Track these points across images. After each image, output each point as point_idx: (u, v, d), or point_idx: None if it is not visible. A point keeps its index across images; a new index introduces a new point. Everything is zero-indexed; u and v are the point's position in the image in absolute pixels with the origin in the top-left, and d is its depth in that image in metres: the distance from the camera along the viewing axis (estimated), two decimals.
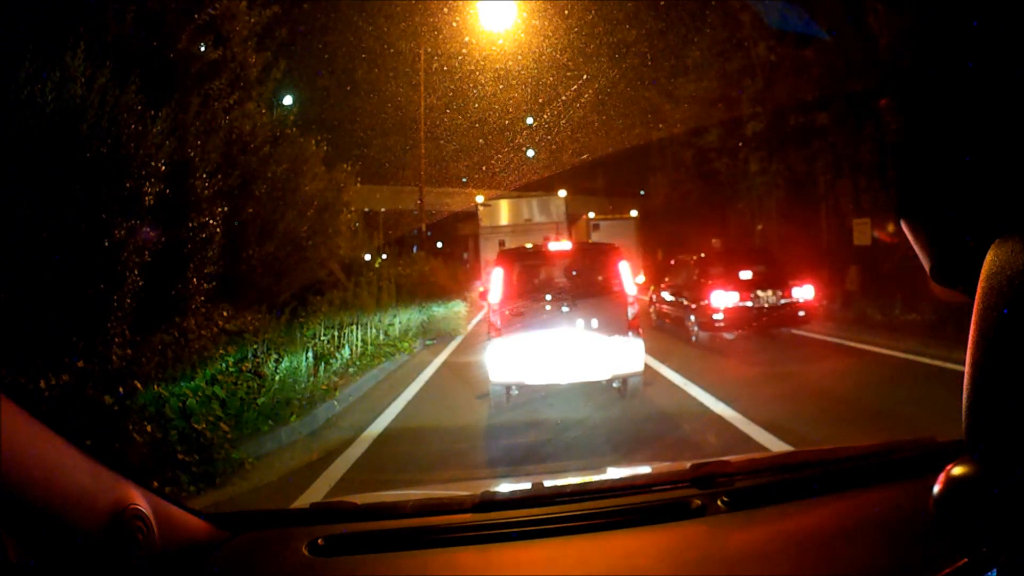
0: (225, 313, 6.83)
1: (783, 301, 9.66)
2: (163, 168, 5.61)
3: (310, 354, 6.30)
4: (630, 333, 6.15)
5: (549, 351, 6.00)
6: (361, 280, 10.58)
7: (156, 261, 5.68)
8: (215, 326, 6.31)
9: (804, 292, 9.85)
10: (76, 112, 5.18)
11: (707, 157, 22.10)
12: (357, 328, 8.67)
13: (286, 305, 7.84)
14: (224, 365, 5.68)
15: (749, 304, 9.54)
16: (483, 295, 7.46)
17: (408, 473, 4.44)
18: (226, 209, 6.68)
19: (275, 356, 5.84)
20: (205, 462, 4.38)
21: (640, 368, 6.15)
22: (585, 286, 6.57)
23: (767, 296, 9.64)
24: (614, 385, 6.39)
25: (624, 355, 6.05)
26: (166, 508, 1.17)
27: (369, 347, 8.76)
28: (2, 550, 0.85)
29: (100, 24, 6.35)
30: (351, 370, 7.64)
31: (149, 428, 4.27)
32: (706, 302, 9.67)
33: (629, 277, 6.52)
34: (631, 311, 6.27)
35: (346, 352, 7.52)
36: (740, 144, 19.16)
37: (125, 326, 5.35)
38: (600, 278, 6.65)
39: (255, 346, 6.21)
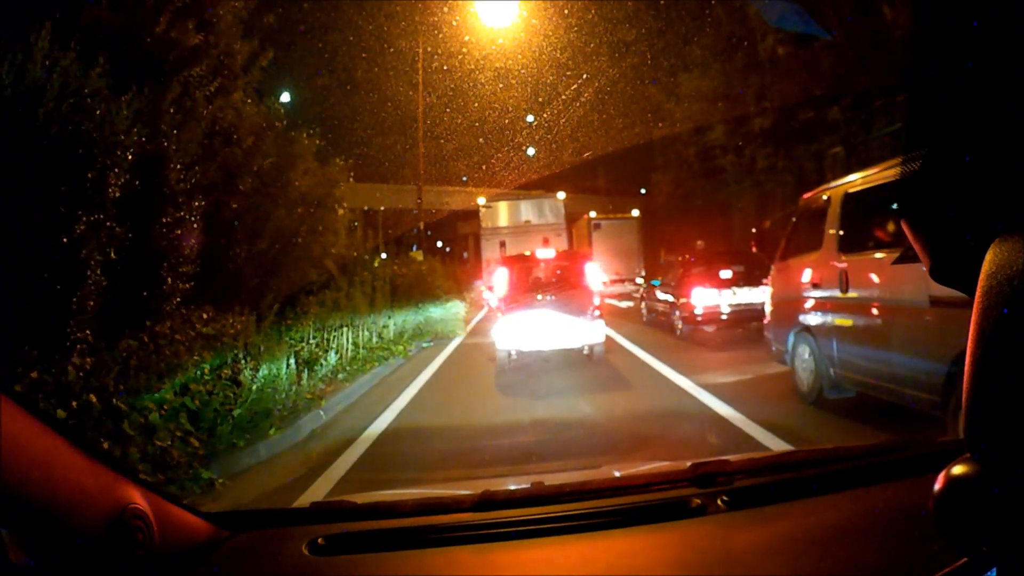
0: (205, 316, 6.34)
1: (758, 299, 10.23)
2: (130, 158, 5.13)
3: (292, 360, 5.83)
4: (595, 314, 8.39)
5: (538, 327, 8.19)
6: (355, 280, 10.10)
7: (124, 259, 5.21)
8: (192, 330, 5.83)
9: None
10: (34, 96, 4.72)
11: (711, 154, 21.64)
12: (348, 331, 8.19)
13: (273, 305, 7.35)
14: (199, 372, 5.22)
15: (726, 301, 10.51)
16: (490, 288, 10.14)
17: (408, 472, 4.44)
18: (204, 204, 6.19)
19: (254, 362, 5.37)
20: (169, 483, 3.92)
21: (602, 339, 8.50)
22: (563, 282, 8.94)
23: (743, 293, 10.51)
24: (584, 352, 8.59)
25: (590, 330, 8.31)
26: (166, 507, 1.16)
27: (361, 351, 8.30)
28: (2, 550, 0.85)
29: (72, 5, 5.91)
30: (340, 376, 7.17)
31: (106, 446, 3.81)
32: (688, 299, 10.66)
33: (595, 275, 9.18)
34: (596, 300, 8.59)
35: (332, 358, 7.04)
36: (746, 140, 18.66)
37: (88, 331, 4.87)
38: (573, 276, 9.00)
39: (236, 351, 5.75)
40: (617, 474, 1.87)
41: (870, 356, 4.80)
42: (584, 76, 23.02)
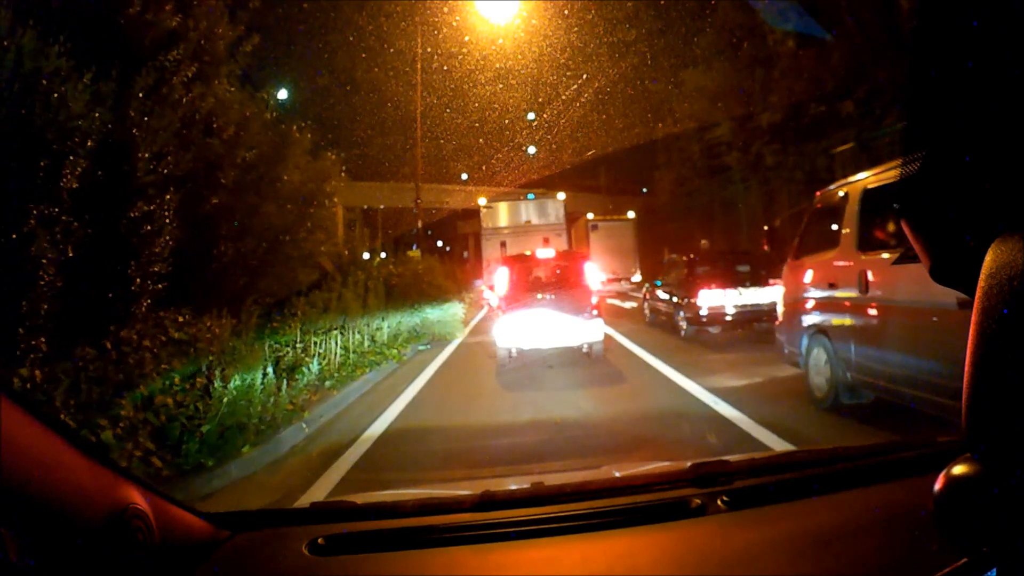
0: (180, 319, 5.84)
1: (765, 299, 10.02)
2: (91, 145, 4.65)
3: (270, 368, 5.33)
4: (593, 313, 8.37)
5: (538, 325, 8.20)
6: (348, 280, 9.60)
7: (85, 257, 4.72)
8: (163, 335, 5.33)
9: None
10: None
11: (716, 152, 21.13)
12: (338, 334, 7.70)
13: (255, 308, 6.84)
14: (168, 383, 4.73)
15: (733, 302, 10.17)
16: (491, 288, 10.35)
17: (409, 473, 4.35)
18: (179, 197, 5.69)
19: (228, 371, 4.88)
20: None
21: (600, 337, 8.41)
22: (562, 281, 9.03)
23: (749, 294, 10.21)
24: (583, 350, 8.54)
25: (589, 329, 8.28)
26: (166, 507, 1.16)
27: (351, 355, 7.79)
28: (2, 550, 0.84)
29: None
30: (328, 383, 6.66)
31: None
32: (693, 300, 10.33)
33: (593, 275, 9.23)
34: (594, 299, 8.59)
35: (315, 366, 6.53)
36: (753, 137, 18.09)
37: (43, 338, 4.39)
38: (572, 276, 9.09)
39: (211, 358, 5.25)
40: (617, 474, 1.85)
41: (891, 360, 4.59)
42: (584, 76, 22.70)
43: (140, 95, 5.45)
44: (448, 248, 42.56)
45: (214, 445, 4.34)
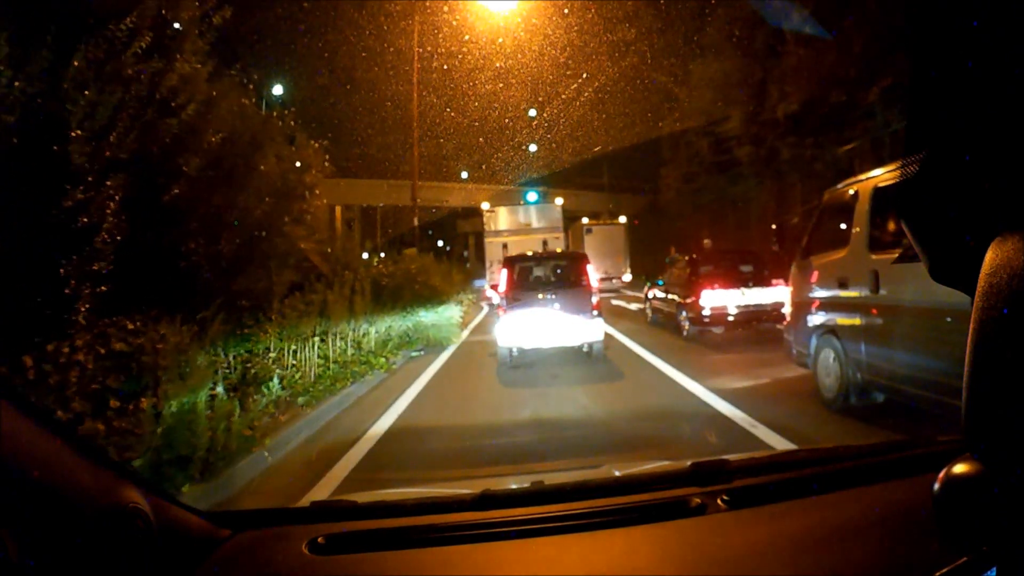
0: (131, 326, 5.03)
1: (768, 299, 9.96)
2: (7, 119, 3.85)
3: (220, 386, 4.53)
4: (594, 313, 8.46)
5: (539, 325, 8.28)
6: (335, 281, 8.80)
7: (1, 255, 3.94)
8: (104, 347, 4.53)
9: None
10: None
11: (725, 146, 20.32)
12: (318, 341, 6.89)
13: (219, 312, 6.01)
14: (101, 406, 3.95)
15: (735, 302, 10.01)
16: (493, 287, 10.98)
17: (408, 472, 4.32)
18: (122, 184, 4.89)
19: (168, 389, 4.08)
20: None
21: (601, 337, 8.48)
22: (563, 281, 9.12)
23: (752, 293, 10.08)
24: (583, 350, 8.70)
25: (589, 328, 8.36)
26: (166, 507, 1.16)
27: (332, 366, 6.99)
28: (2, 550, 0.83)
29: None
30: (301, 400, 5.85)
31: None
32: (696, 299, 10.16)
33: (593, 276, 9.16)
34: (594, 299, 8.62)
35: (275, 382, 5.70)
36: (767, 129, 17.24)
37: None
38: (572, 276, 9.14)
39: (159, 373, 4.45)
40: (617, 473, 1.83)
41: (903, 361, 4.57)
42: (585, 74, 22.27)
43: (76, 64, 4.64)
44: (448, 247, 41.86)
45: (146, 487, 3.54)
